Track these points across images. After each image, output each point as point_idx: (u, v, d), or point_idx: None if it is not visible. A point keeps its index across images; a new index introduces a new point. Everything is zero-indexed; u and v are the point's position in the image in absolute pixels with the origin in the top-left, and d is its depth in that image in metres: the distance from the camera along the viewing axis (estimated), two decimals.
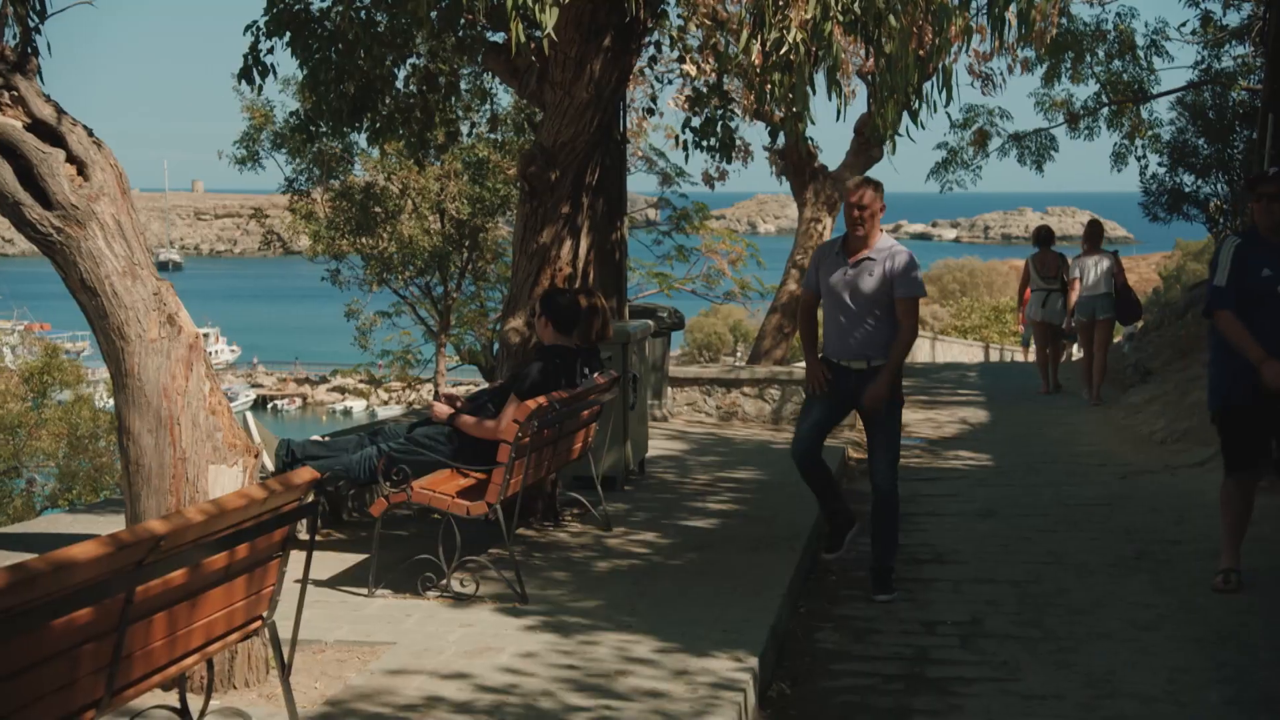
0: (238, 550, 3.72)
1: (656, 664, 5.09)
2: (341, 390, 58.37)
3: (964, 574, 7.05)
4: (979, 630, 6.04)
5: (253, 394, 58.24)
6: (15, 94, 4.63)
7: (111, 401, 17.88)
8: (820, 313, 6.85)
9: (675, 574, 6.58)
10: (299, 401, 60.62)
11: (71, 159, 4.70)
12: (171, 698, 4.25)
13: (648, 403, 9.74)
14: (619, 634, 5.47)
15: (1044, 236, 14.66)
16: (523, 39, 5.50)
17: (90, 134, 4.80)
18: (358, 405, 54.55)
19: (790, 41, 5.62)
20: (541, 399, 6.34)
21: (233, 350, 66.16)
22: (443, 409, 6.82)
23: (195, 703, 4.11)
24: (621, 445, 8.79)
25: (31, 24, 5.47)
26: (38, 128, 4.67)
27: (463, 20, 8.70)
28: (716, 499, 8.56)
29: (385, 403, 39.22)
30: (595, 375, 7.17)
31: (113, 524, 5.98)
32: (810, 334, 6.86)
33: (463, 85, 11.24)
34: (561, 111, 7.61)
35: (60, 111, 4.73)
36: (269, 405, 58.27)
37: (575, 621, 5.67)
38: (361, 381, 31.47)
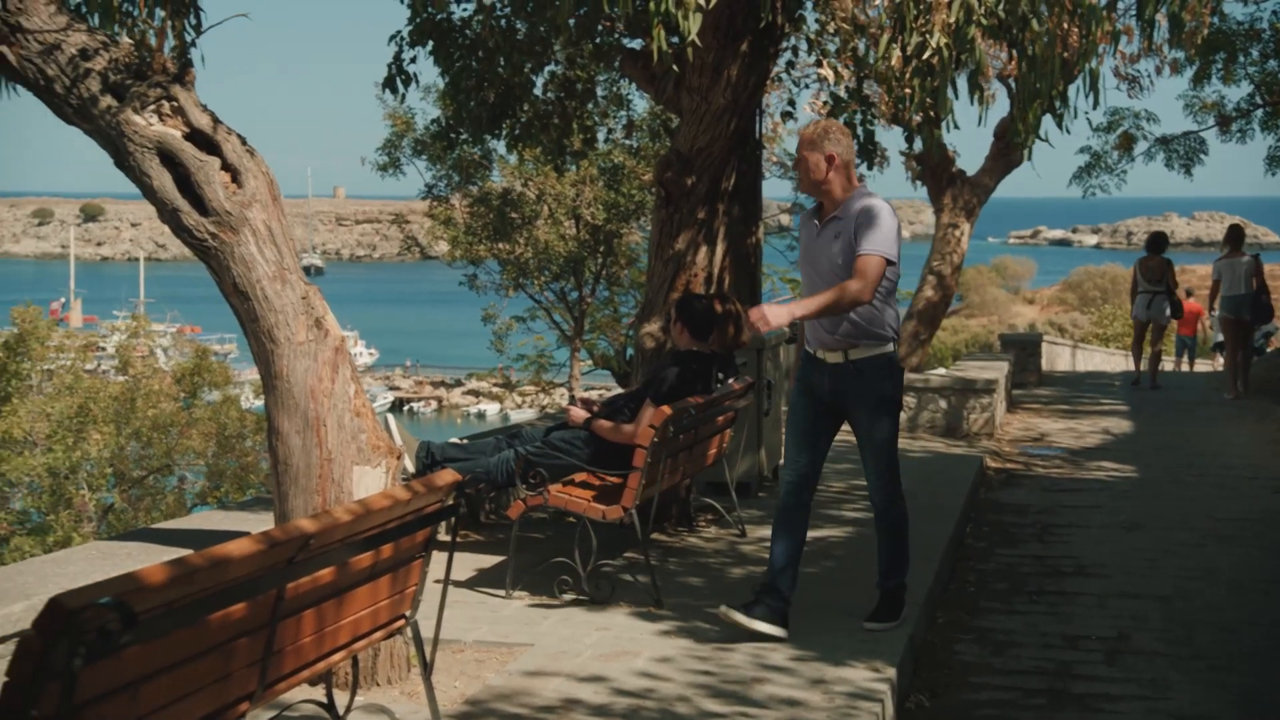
0: (383, 550, 3.79)
1: (793, 672, 5.06)
2: (476, 393, 59.24)
3: (1108, 588, 6.87)
4: (1125, 646, 5.88)
5: (390, 396, 59.38)
6: (175, 104, 4.78)
7: (257, 402, 18.38)
8: None
9: (810, 582, 6.51)
10: (434, 404, 61.64)
11: (226, 166, 4.83)
12: (318, 693, 4.35)
13: (781, 409, 9.69)
14: (754, 641, 5.44)
15: (1153, 242, 15.55)
16: (665, 46, 5.51)
17: (244, 142, 4.93)
18: (491, 408, 55.29)
19: (932, 45, 5.54)
20: (678, 404, 6.35)
21: (370, 353, 67.55)
22: (579, 413, 6.88)
23: (340, 698, 4.20)
24: (756, 451, 8.77)
25: (188, 37, 5.68)
26: (195, 137, 4.81)
27: (601, 27, 8.78)
28: (851, 507, 8.48)
29: (518, 406, 39.68)
30: (730, 381, 7.16)
31: (260, 521, 6.14)
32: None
33: (599, 91, 11.34)
34: (698, 117, 7.62)
35: (216, 120, 4.87)
36: (405, 408, 59.36)
37: (710, 627, 5.66)
38: (495, 385, 31.87)
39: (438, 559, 4.23)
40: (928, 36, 5.53)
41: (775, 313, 5.24)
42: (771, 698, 4.77)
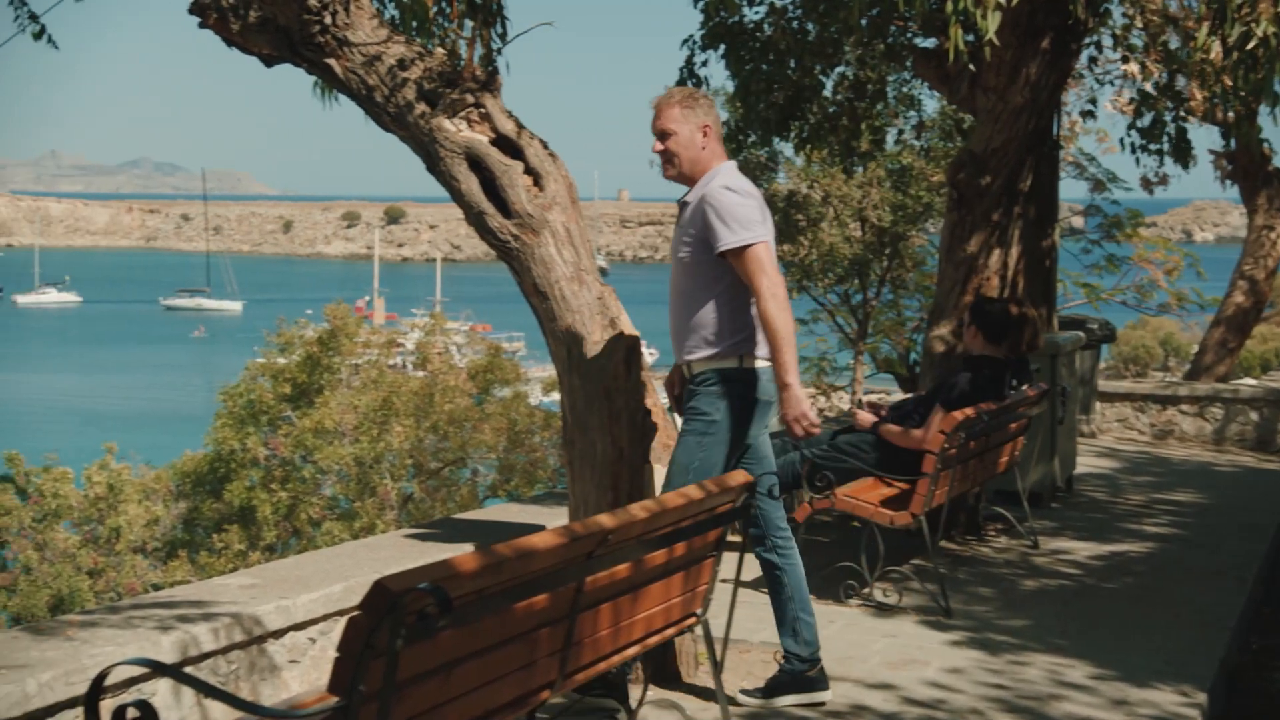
0: (676, 548, 3.84)
1: (1092, 690, 4.86)
2: None
3: None
4: None
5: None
6: (482, 110, 4.97)
7: (545, 399, 18.90)
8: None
9: (1108, 597, 6.26)
10: None
11: (529, 170, 5.00)
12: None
13: (1076, 417, 9.34)
14: (1049, 656, 5.26)
15: None
16: (961, 45, 5.39)
17: (545, 147, 5.09)
18: None
19: (1258, 35, 5.22)
20: (969, 410, 6.19)
21: (651, 353, 68.53)
22: (866, 417, 6.80)
23: (632, 692, 4.29)
24: (1049, 460, 8.47)
25: (495, 46, 5.91)
26: (500, 142, 5.00)
27: (893, 27, 8.66)
28: (1153, 521, 8.09)
29: None
30: (1024, 387, 6.94)
31: (551, 516, 6.32)
32: None
33: (889, 92, 11.19)
34: (994, 117, 7.43)
35: (520, 126, 5.04)
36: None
37: (1002, 640, 5.50)
38: None
39: (728, 559, 4.26)
40: (1253, 25, 5.21)
41: (802, 403, 4.42)
42: (1070, 716, 4.59)
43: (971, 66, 7.11)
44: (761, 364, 4.58)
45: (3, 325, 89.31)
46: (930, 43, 8.40)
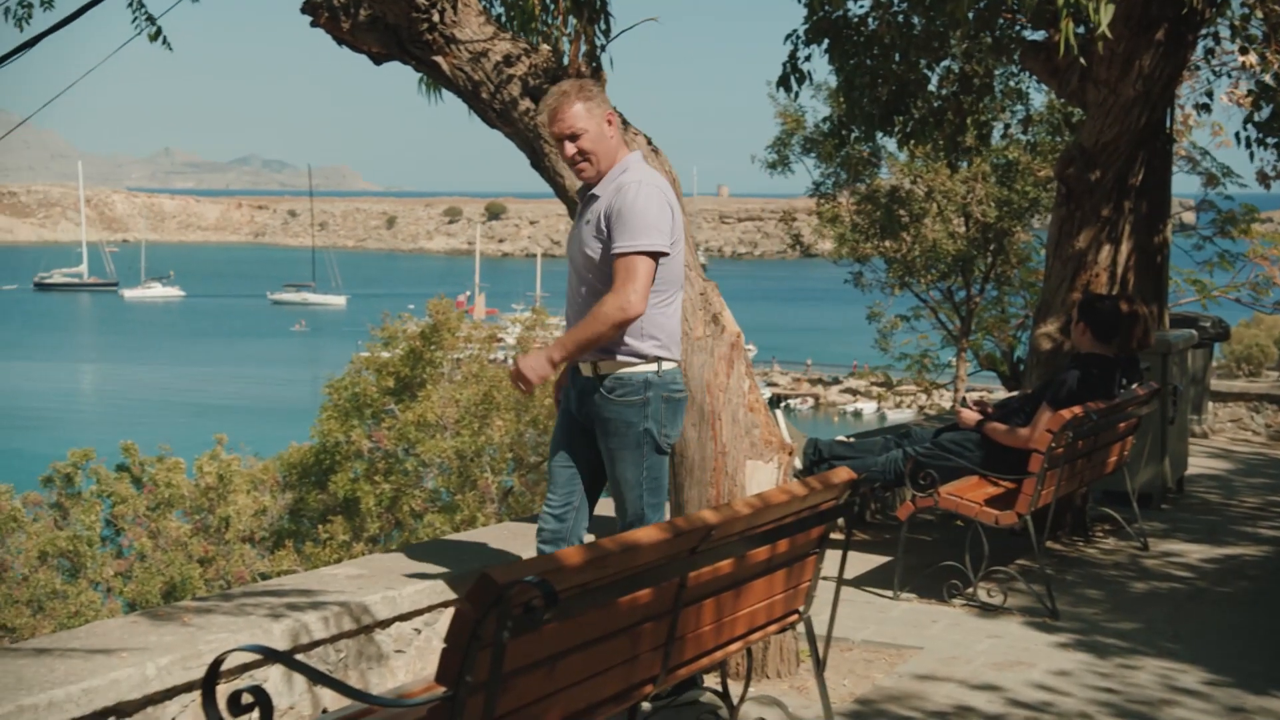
0: (779, 544, 3.83)
1: (1206, 697, 4.75)
2: (853, 392, 59.00)
3: None
4: None
5: (768, 392, 60.02)
6: None
7: None
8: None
9: (1222, 602, 6.11)
10: (811, 401, 61.83)
11: None
12: (712, 680, 4.46)
13: (1188, 417, 9.13)
14: (1161, 660, 5.15)
15: None
16: (1073, 39, 5.29)
17: (649, 142, 5.09)
18: (868, 407, 54.90)
19: None
20: (1077, 408, 6.09)
21: (749, 349, 68.43)
22: (971, 415, 6.71)
23: (733, 688, 4.28)
24: (1159, 461, 8.30)
25: (599, 42, 5.93)
26: None
27: (1001, 20, 8.53)
28: (1268, 524, 7.89)
29: (896, 406, 39.16)
30: (1134, 386, 6.81)
31: None
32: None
33: (996, 86, 11.03)
34: (1105, 110, 7.28)
35: (625, 122, 5.05)
36: (782, 404, 59.82)
37: (1111, 643, 5.40)
38: (875, 384, 31.60)
39: (830, 556, 4.23)
40: None
41: (532, 365, 4.28)
42: None
43: (1082, 59, 6.97)
44: (673, 365, 4.41)
45: (114, 319, 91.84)
46: (1039, 35, 8.25)
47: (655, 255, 4.19)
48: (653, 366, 4.34)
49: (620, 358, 4.31)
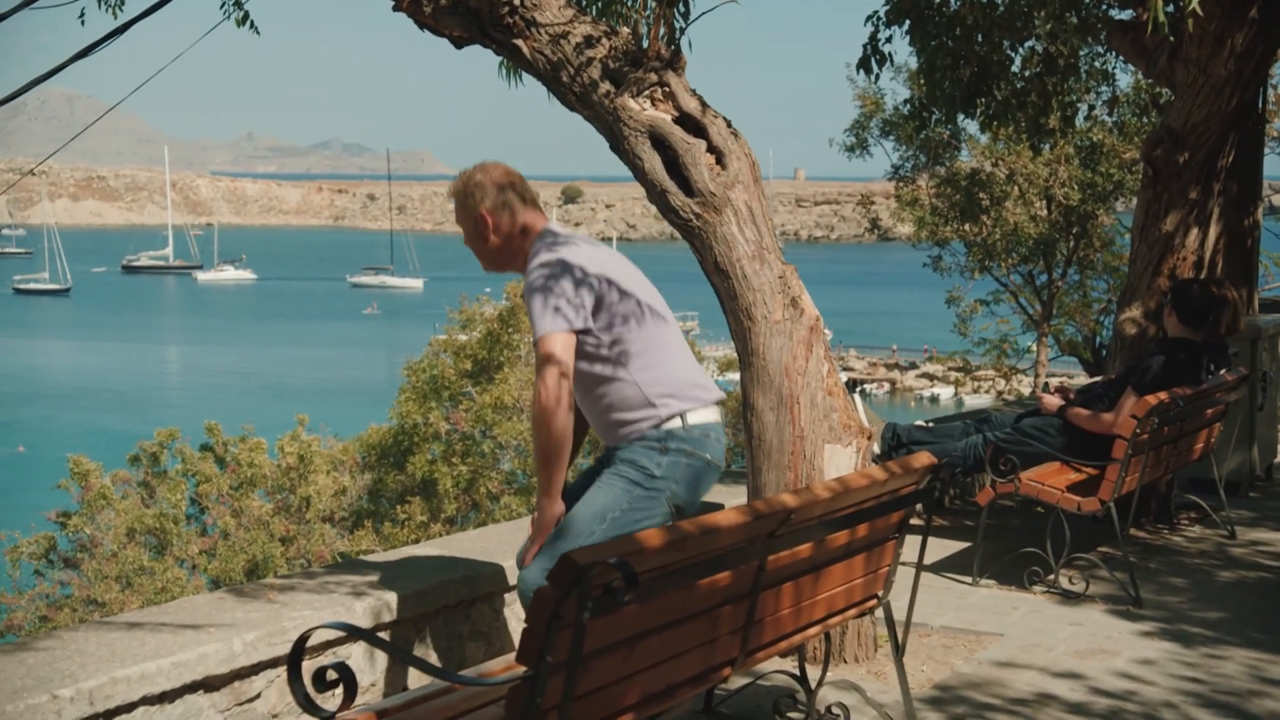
0: (858, 529, 3.81)
1: None
2: (930, 377, 58.49)
3: None
4: None
5: (844, 377, 59.55)
6: (666, 89, 4.97)
7: (720, 378, 18.88)
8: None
9: None
10: (887, 386, 61.41)
11: (711, 149, 4.98)
12: (790, 664, 4.45)
13: (1278, 404, 8.95)
14: (1248, 651, 5.06)
15: None
16: (1162, 17, 5.18)
17: (728, 125, 5.07)
18: (945, 392, 54.41)
19: None
20: (1163, 394, 5.99)
21: (827, 333, 67.86)
22: (1053, 400, 6.63)
23: (811, 672, 4.27)
24: (1247, 448, 8.14)
25: (678, 25, 5.91)
26: (684, 120, 4.99)
27: (1086, 0, 8.39)
28: None
29: (974, 391, 38.76)
30: (1222, 372, 6.68)
31: (725, 495, 6.31)
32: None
33: (1081, 66, 10.85)
34: (1195, 91, 7.13)
35: (703, 105, 5.03)
36: (858, 389, 59.49)
37: (1197, 632, 5.31)
38: (953, 369, 31.33)
39: (909, 542, 4.20)
40: None
41: (548, 521, 3.95)
42: (1273, 714, 4.41)
43: (1171, 38, 6.83)
44: (707, 418, 4.03)
45: (192, 300, 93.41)
46: (1126, 14, 8.10)
47: (569, 331, 3.79)
48: (675, 423, 3.96)
49: (624, 433, 3.99)
